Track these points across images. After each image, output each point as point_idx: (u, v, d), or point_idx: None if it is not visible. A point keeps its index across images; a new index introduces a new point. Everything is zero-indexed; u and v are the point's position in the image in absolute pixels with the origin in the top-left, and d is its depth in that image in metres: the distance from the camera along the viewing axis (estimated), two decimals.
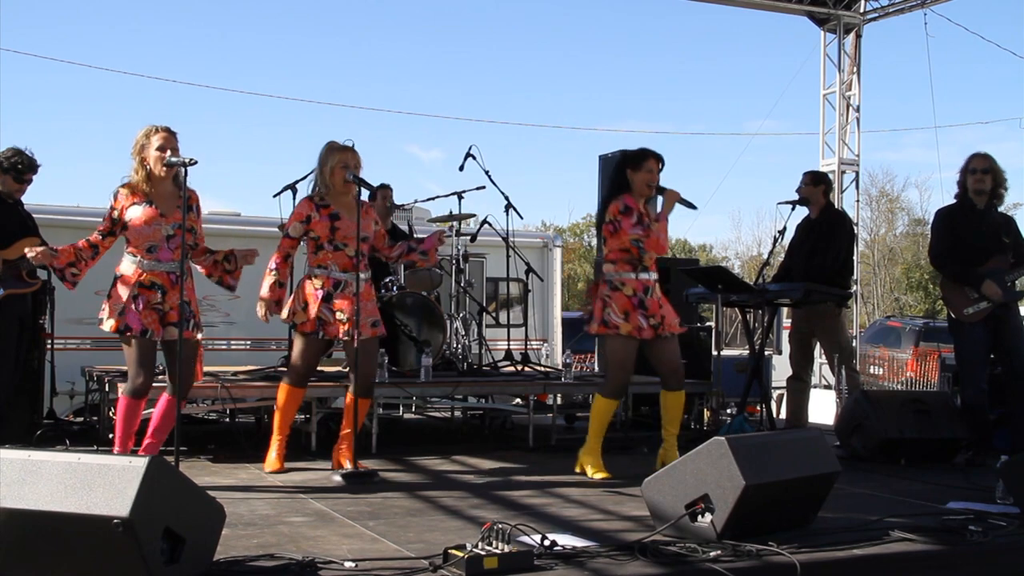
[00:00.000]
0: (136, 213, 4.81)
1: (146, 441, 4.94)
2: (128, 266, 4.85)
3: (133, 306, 4.77)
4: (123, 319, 4.76)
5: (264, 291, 5.30)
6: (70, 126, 50.06)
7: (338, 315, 5.25)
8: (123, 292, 4.80)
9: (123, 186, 4.87)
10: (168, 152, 4.81)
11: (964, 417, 6.27)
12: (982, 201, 6.26)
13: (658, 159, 5.50)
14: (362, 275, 5.30)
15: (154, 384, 4.96)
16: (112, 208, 4.87)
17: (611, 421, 5.66)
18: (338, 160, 5.28)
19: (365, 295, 5.33)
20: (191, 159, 4.70)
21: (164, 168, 4.80)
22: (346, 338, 5.27)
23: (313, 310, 5.25)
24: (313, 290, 5.28)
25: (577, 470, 5.52)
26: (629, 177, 5.48)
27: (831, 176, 12.67)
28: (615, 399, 5.56)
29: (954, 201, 6.40)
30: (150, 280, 4.80)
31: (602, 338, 5.64)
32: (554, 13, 55.12)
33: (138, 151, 4.85)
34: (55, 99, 49.61)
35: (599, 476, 5.41)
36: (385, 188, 7.62)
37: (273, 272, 5.32)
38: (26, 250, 4.90)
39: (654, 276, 5.52)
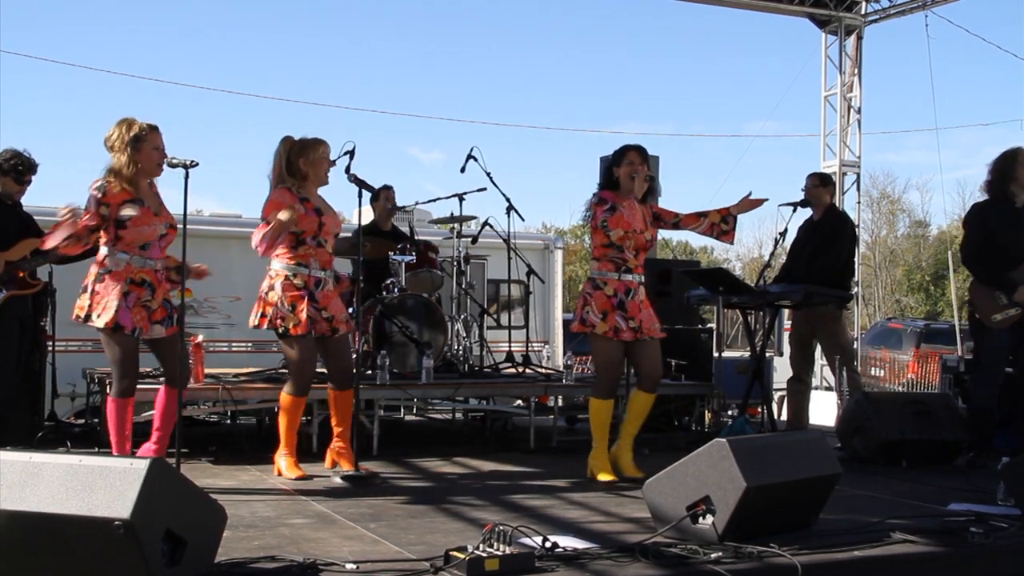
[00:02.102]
0: (132, 212, 4.72)
1: (155, 435, 4.92)
2: (117, 262, 4.75)
3: (124, 303, 4.72)
4: (116, 316, 4.70)
5: (284, 215, 5.00)
6: (69, 127, 50.13)
7: (323, 314, 5.21)
8: (113, 288, 4.72)
9: (109, 181, 4.73)
10: (164, 153, 4.78)
11: (971, 418, 6.25)
12: (1021, 197, 6.06)
13: (638, 150, 5.47)
14: (333, 271, 5.32)
15: (146, 385, 4.98)
16: (99, 202, 4.68)
17: (611, 422, 5.65)
18: (322, 152, 5.24)
19: (336, 291, 5.34)
20: (192, 161, 4.62)
21: (159, 169, 4.78)
22: (329, 335, 5.25)
23: (303, 310, 5.13)
24: (296, 291, 5.15)
25: (588, 476, 5.47)
26: (616, 175, 5.47)
27: (832, 178, 12.71)
28: (606, 398, 5.50)
29: (986, 197, 6.20)
30: (141, 277, 4.77)
31: (586, 337, 5.61)
32: (554, 14, 55.21)
33: (129, 144, 4.73)
34: (54, 100, 49.71)
35: (605, 479, 5.38)
36: (387, 189, 7.63)
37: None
38: (63, 207, 4.72)
39: (639, 278, 5.43)
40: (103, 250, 4.80)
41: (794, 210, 6.95)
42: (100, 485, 2.94)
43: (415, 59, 54.01)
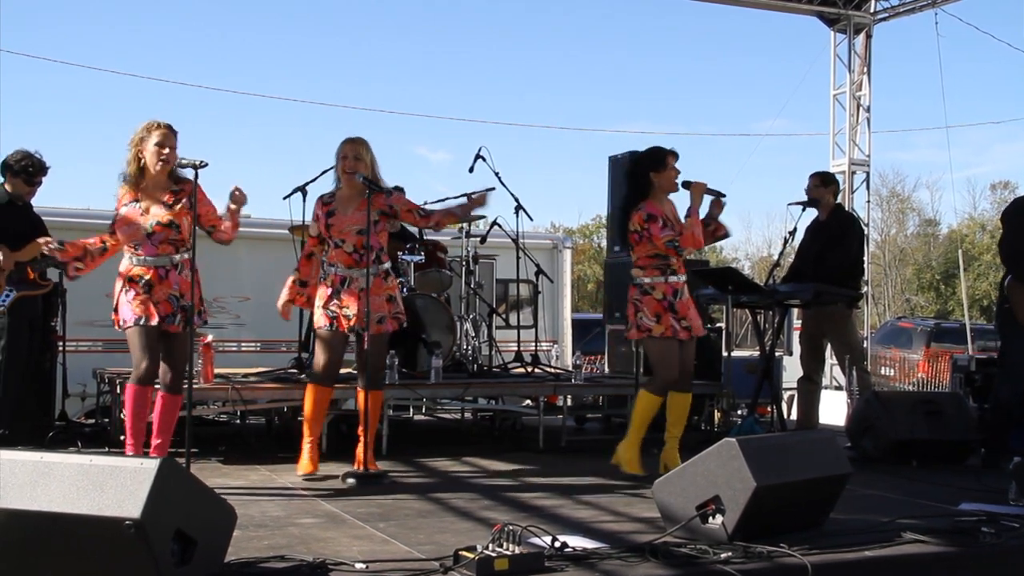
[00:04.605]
0: (125, 211, 4.87)
1: (154, 443, 4.93)
2: (123, 262, 4.92)
3: (124, 298, 4.83)
4: (119, 314, 4.84)
5: (284, 290, 5.46)
6: (74, 128, 50.30)
7: (344, 311, 5.25)
8: (118, 288, 4.88)
9: (121, 186, 4.90)
10: (166, 149, 4.80)
11: (991, 416, 6.21)
12: None
13: (676, 156, 5.54)
14: (371, 269, 5.24)
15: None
16: (116, 208, 4.92)
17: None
18: (341, 152, 5.33)
19: (374, 290, 5.26)
20: (201, 161, 4.67)
21: (159, 164, 4.80)
22: (352, 334, 5.30)
23: (320, 306, 5.31)
24: (324, 289, 5.33)
25: (612, 462, 5.51)
26: (653, 180, 5.50)
27: (841, 177, 12.67)
28: (661, 395, 5.53)
29: None
30: (137, 275, 4.84)
31: (639, 341, 5.68)
32: (563, 13, 55.23)
33: (136, 143, 4.84)
34: (54, 100, 49.87)
35: (631, 472, 5.42)
36: (398, 190, 7.62)
37: (295, 271, 5.50)
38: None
39: (683, 278, 5.54)
40: None
41: (803, 209, 6.93)
42: (110, 485, 2.95)
43: (421, 59, 54.16)
